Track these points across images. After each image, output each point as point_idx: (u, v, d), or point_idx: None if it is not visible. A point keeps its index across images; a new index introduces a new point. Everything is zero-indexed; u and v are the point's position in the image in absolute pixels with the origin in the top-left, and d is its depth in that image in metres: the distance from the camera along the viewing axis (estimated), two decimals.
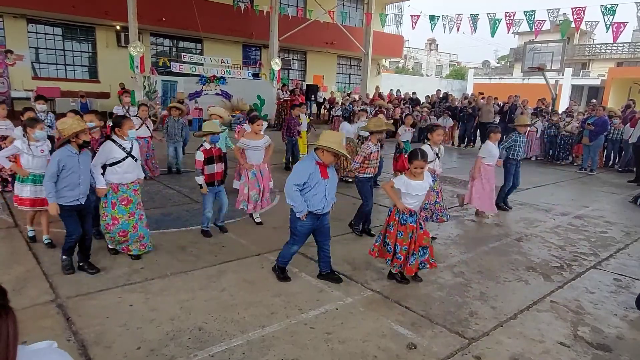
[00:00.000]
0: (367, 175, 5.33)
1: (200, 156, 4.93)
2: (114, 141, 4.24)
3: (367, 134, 5.70)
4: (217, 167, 5.05)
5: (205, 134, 5.03)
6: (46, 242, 4.68)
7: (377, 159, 5.35)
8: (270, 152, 5.69)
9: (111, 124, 4.57)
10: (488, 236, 5.74)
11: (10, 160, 4.76)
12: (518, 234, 5.88)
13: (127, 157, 4.26)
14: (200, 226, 5.27)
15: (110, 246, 4.48)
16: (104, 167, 4.27)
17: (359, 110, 9.67)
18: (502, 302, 3.88)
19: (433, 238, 5.15)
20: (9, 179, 6.57)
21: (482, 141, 14.78)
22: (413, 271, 4.05)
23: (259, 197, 5.57)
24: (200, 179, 4.95)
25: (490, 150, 6.27)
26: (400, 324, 3.43)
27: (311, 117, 19.10)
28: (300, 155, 9.17)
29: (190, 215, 5.98)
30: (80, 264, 4.08)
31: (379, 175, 8.31)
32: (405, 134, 8.63)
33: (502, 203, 7.06)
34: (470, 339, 3.26)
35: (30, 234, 4.84)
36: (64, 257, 4.04)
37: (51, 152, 4.40)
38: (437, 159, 5.26)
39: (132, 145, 4.34)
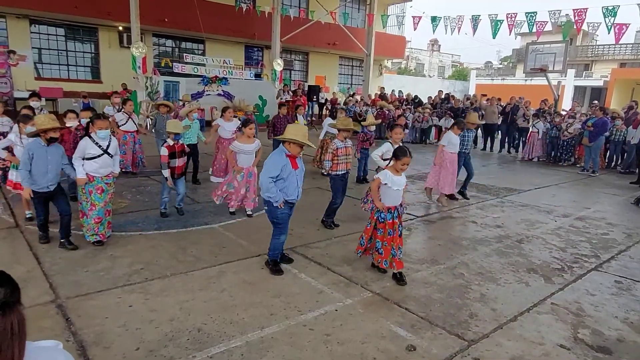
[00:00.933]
0: (340, 172, 5.63)
1: (164, 152, 5.58)
2: (91, 138, 4.67)
3: (336, 131, 6.15)
4: (179, 162, 5.74)
5: (169, 133, 5.73)
6: (28, 215, 5.47)
7: (345, 155, 5.64)
8: (259, 156, 6.06)
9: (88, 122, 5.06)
10: (489, 237, 5.73)
11: (8, 152, 5.54)
12: (519, 236, 5.87)
13: (102, 154, 4.68)
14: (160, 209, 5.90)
15: (88, 238, 4.77)
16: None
17: (340, 109, 10.40)
18: (502, 304, 3.87)
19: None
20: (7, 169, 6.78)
21: (485, 142, 14.87)
22: (400, 266, 4.20)
23: (234, 191, 5.99)
24: (166, 172, 5.59)
25: (451, 140, 7.06)
26: (400, 325, 3.42)
27: (313, 118, 19.13)
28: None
29: (191, 216, 5.98)
30: (62, 240, 4.63)
31: (366, 173, 8.68)
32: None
33: (459, 192, 7.78)
34: (469, 341, 3.25)
35: (28, 215, 5.48)
36: (40, 232, 4.77)
37: None
38: None
39: (110, 143, 4.75)
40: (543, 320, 3.64)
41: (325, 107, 20.42)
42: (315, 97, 20.03)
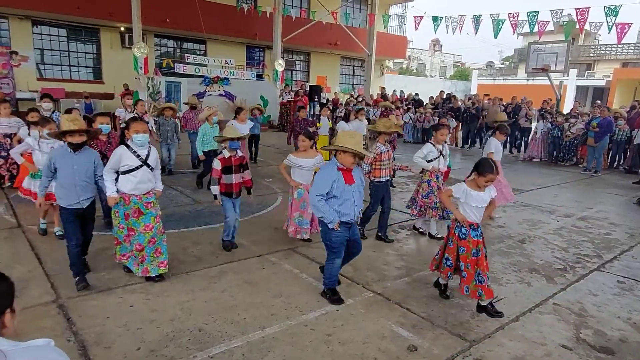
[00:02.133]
0: (383, 179, 5.14)
1: (217, 165, 4.53)
2: (128, 147, 3.80)
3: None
4: (236, 178, 4.61)
5: (225, 139, 4.57)
6: (57, 234, 4.85)
7: (388, 160, 5.19)
8: None
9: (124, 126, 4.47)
10: (491, 237, 5.71)
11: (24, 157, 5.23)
12: (521, 236, 5.85)
13: (142, 166, 3.77)
14: (221, 237, 4.82)
15: (125, 263, 4.07)
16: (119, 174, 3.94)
17: (359, 109, 9.62)
18: (504, 304, 3.85)
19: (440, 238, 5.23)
20: (6, 175, 6.80)
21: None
22: (492, 295, 3.58)
23: (303, 219, 5.03)
24: (215, 189, 4.55)
25: (497, 146, 6.22)
26: (401, 325, 3.41)
27: (314, 119, 19.12)
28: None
29: (193, 216, 5.98)
30: (78, 277, 3.80)
31: (393, 177, 8.30)
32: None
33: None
34: (471, 342, 3.24)
35: (43, 226, 5.00)
36: (76, 278, 3.74)
37: None
38: (440, 157, 5.37)
39: (149, 152, 3.85)
40: (545, 320, 3.62)
41: (326, 107, 20.27)
42: (316, 97, 20.02)
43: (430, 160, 5.35)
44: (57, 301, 3.56)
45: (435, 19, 15.09)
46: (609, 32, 11.65)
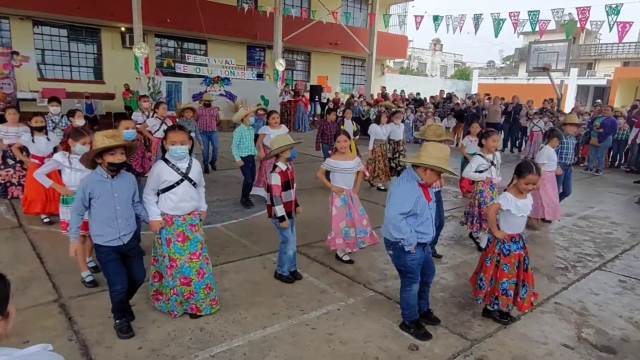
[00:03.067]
0: (436, 189, 4.57)
1: (276, 180, 3.81)
2: (167, 161, 3.26)
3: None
4: (294, 193, 4.03)
5: (282, 149, 3.85)
6: (87, 280, 3.85)
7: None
8: (360, 178, 4.62)
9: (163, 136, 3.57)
10: None
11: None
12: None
13: (182, 180, 3.24)
14: (277, 271, 4.14)
15: (168, 310, 3.38)
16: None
17: (395, 112, 8.83)
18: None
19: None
20: (15, 182, 6.29)
21: None
22: (526, 307, 3.45)
23: (350, 230, 4.50)
24: (280, 210, 3.83)
25: (550, 155, 5.67)
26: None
27: (315, 119, 19.12)
28: None
29: None
30: (117, 321, 3.17)
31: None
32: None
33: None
34: (472, 341, 3.24)
35: (89, 278, 3.88)
36: (117, 321, 3.14)
37: None
38: (492, 167, 4.92)
39: (190, 165, 3.30)
40: (546, 319, 3.62)
41: (327, 106, 20.23)
42: (317, 97, 20.02)
43: (482, 171, 4.89)
44: (58, 301, 3.57)
45: (435, 18, 15.09)
46: (610, 31, 11.64)
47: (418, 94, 19.04)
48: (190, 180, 3.27)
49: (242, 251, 4.80)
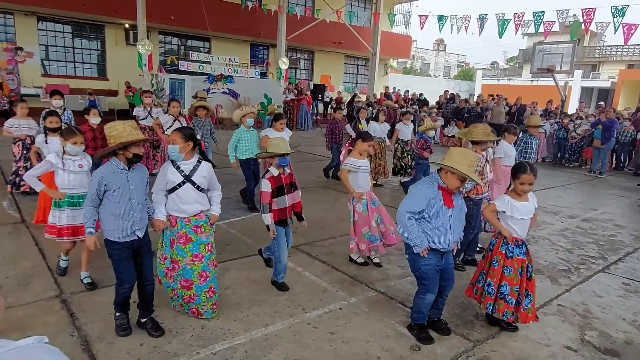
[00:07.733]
0: (484, 195, 4.43)
1: (267, 186, 3.63)
2: (172, 161, 3.22)
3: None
4: (289, 199, 3.78)
5: (271, 155, 3.72)
6: (85, 281, 3.76)
7: (486, 173, 4.53)
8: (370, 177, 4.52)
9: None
10: None
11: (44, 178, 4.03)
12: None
13: (184, 182, 3.16)
14: (273, 277, 3.95)
15: (172, 306, 3.42)
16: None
17: (405, 112, 8.76)
18: None
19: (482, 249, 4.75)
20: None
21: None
22: (530, 318, 3.29)
23: (373, 234, 4.34)
24: (268, 218, 3.66)
25: (506, 151, 5.61)
26: (405, 324, 3.39)
27: (318, 117, 19.09)
28: None
29: None
30: (142, 320, 3.12)
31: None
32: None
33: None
34: (475, 342, 3.23)
35: (63, 264, 3.92)
36: (117, 313, 3.09)
37: (96, 167, 3.39)
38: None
39: (196, 167, 3.20)
40: (549, 321, 3.60)
41: (330, 106, 20.14)
42: (320, 96, 20.01)
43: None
44: (60, 296, 3.56)
45: (440, 18, 15.06)
46: (615, 33, 11.60)
47: (421, 94, 18.99)
48: (194, 184, 3.17)
49: (244, 249, 4.79)
